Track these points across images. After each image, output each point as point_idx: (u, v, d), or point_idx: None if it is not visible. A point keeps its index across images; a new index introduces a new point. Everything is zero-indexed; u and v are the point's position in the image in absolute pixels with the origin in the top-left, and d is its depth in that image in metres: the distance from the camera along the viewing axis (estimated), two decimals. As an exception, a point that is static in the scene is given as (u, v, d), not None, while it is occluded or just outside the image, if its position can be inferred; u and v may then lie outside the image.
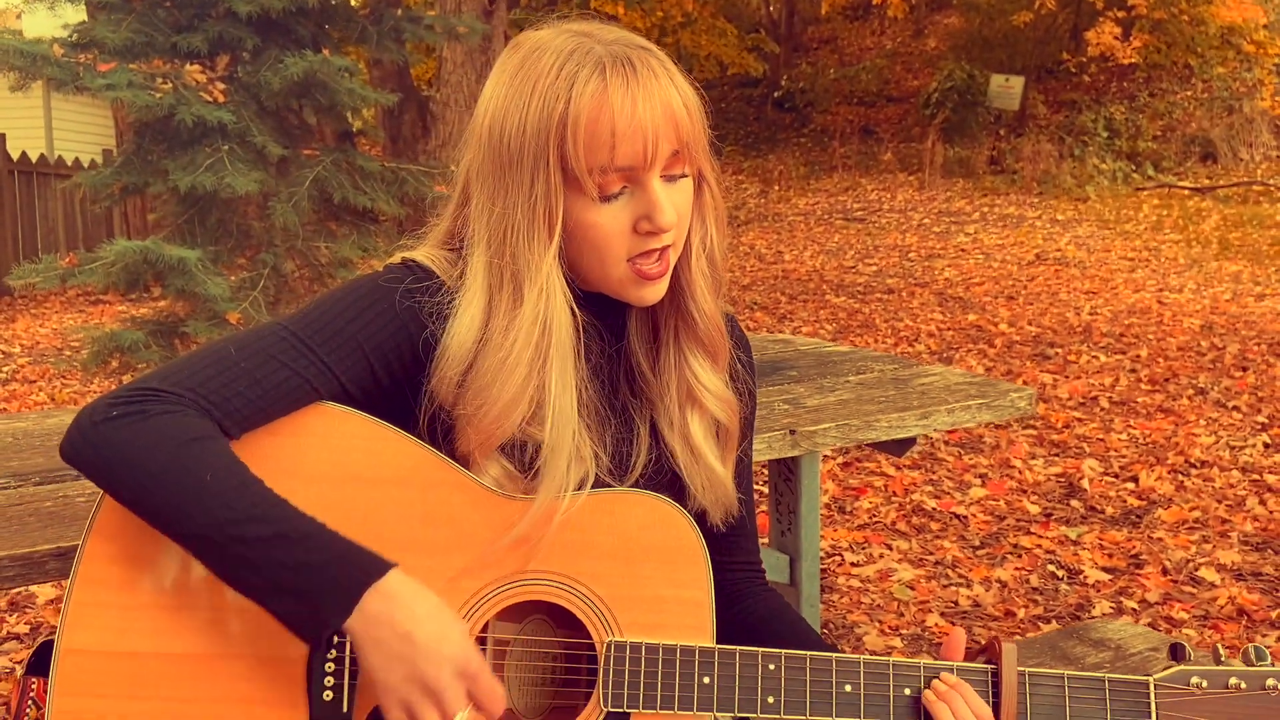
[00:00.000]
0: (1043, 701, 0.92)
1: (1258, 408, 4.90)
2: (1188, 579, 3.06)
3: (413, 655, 0.83)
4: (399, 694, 0.84)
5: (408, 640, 0.83)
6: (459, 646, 0.85)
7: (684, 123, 0.93)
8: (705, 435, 1.02)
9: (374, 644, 0.84)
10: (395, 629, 0.83)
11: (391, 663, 0.84)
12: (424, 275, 0.98)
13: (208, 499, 0.84)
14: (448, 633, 0.85)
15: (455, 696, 0.84)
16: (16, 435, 1.60)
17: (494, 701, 0.86)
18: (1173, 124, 15.20)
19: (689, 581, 0.94)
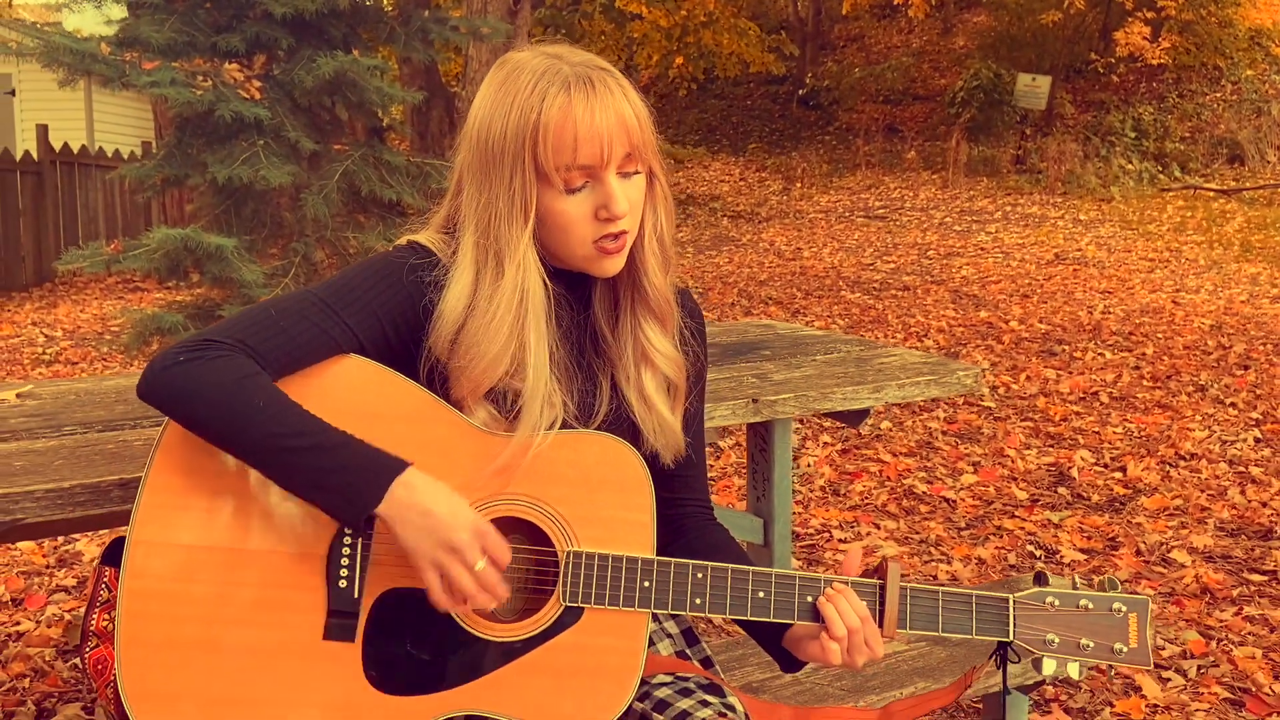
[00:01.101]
0: (920, 611, 1.12)
1: (1254, 405, 5.02)
2: (1159, 560, 3.23)
3: (435, 525, 1.05)
4: (429, 556, 1.05)
5: (429, 515, 1.05)
6: (470, 515, 1.07)
7: (634, 130, 1.13)
8: (656, 389, 1.23)
9: (403, 522, 1.06)
10: (418, 508, 1.05)
11: (419, 534, 1.05)
12: (425, 254, 1.20)
13: (261, 420, 1.06)
14: (459, 507, 1.07)
15: (473, 551, 1.05)
16: (79, 394, 1.84)
17: (502, 552, 1.08)
18: (1201, 125, 15.18)
19: (636, 506, 1.15)
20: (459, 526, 1.05)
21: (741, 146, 16.57)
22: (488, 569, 1.06)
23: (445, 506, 1.06)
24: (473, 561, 1.05)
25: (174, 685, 1.07)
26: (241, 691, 1.08)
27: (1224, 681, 2.50)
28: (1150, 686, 2.45)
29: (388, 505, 1.05)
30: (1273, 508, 3.66)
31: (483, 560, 1.05)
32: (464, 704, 1.10)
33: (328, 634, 1.09)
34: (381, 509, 1.05)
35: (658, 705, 1.17)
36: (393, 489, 1.05)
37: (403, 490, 1.05)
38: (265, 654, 1.09)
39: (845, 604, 1.10)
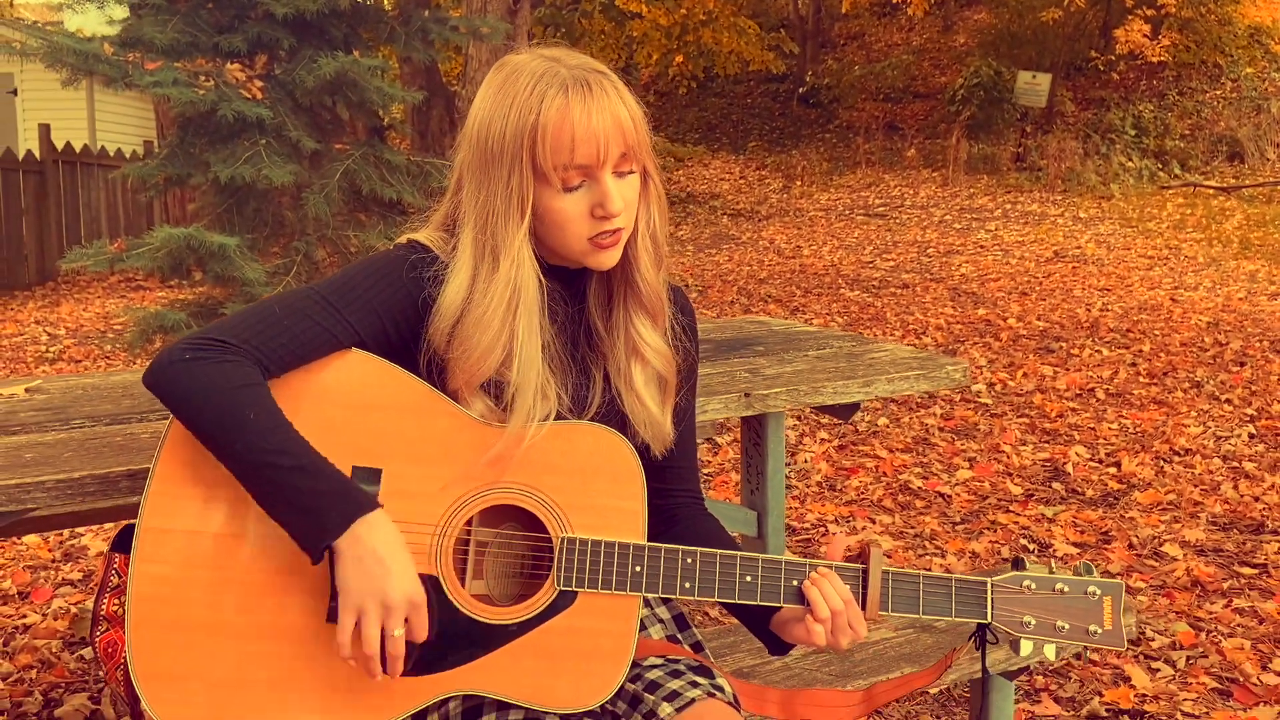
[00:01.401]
0: (902, 594, 1.16)
1: (1249, 401, 5.06)
2: (1151, 553, 3.26)
3: (383, 576, 1.07)
4: (357, 601, 1.07)
5: (382, 564, 1.07)
6: (414, 585, 1.09)
7: (629, 131, 1.17)
8: (646, 383, 1.27)
9: (355, 560, 1.08)
10: (374, 552, 1.07)
11: (363, 578, 1.08)
12: (424, 251, 1.23)
13: (249, 432, 1.09)
14: (409, 569, 1.09)
15: (399, 616, 1.08)
16: (86, 389, 1.88)
17: (422, 631, 1.10)
18: (1200, 123, 15.19)
19: (627, 494, 1.19)
20: (404, 587, 1.08)
21: (742, 145, 16.59)
22: (399, 640, 1.08)
23: (399, 565, 1.08)
24: (393, 627, 1.07)
25: (183, 666, 1.12)
26: (248, 672, 1.12)
27: (1212, 672, 2.54)
28: (1139, 676, 2.49)
29: (347, 539, 1.07)
30: (1265, 502, 3.70)
31: (401, 630, 1.08)
32: (462, 684, 1.14)
33: (331, 617, 1.12)
34: (340, 541, 1.07)
35: (649, 686, 1.21)
36: (356, 525, 1.08)
37: (364, 529, 1.08)
38: (270, 635, 1.13)
39: (829, 587, 1.14)
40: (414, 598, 1.09)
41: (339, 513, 1.09)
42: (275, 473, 1.08)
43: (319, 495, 1.09)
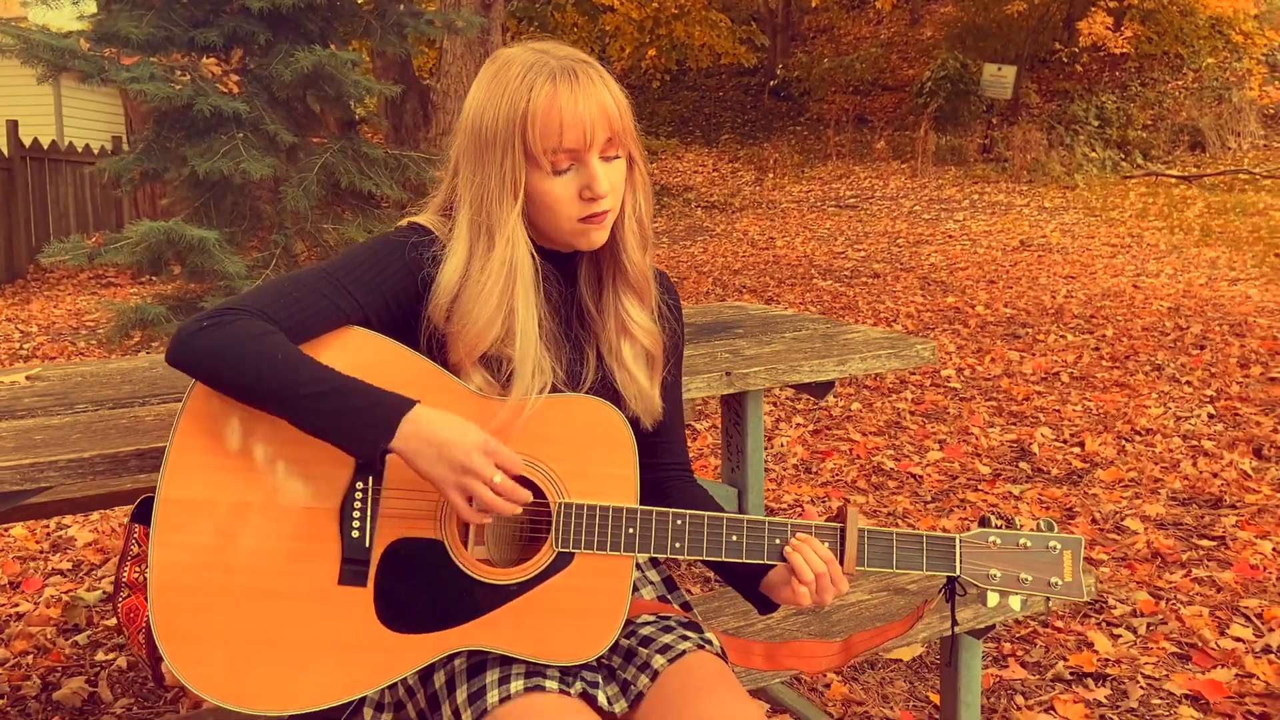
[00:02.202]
0: (877, 550, 1.24)
1: (1208, 382, 5.21)
2: (1114, 528, 3.39)
3: (446, 452, 1.14)
4: (449, 480, 1.15)
5: (437, 443, 1.15)
6: (477, 435, 1.16)
7: (615, 117, 1.25)
8: (635, 359, 1.34)
9: (416, 454, 1.16)
10: (427, 439, 1.15)
11: (434, 463, 1.15)
12: (425, 233, 1.30)
13: (281, 370, 1.16)
14: (465, 430, 1.16)
15: (486, 467, 1.15)
16: (85, 376, 1.93)
17: (514, 464, 1.17)
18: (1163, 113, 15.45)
19: (621, 462, 1.27)
20: (470, 448, 1.15)
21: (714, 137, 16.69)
22: (504, 480, 1.16)
23: (454, 433, 1.16)
24: (489, 476, 1.15)
25: (203, 628, 1.18)
26: (265, 632, 1.19)
27: (1172, 638, 2.65)
28: (1102, 642, 2.61)
29: (400, 440, 1.15)
30: (1223, 478, 3.84)
31: (498, 473, 1.16)
32: (467, 640, 1.22)
33: (342, 579, 1.20)
34: (394, 443, 1.15)
35: (642, 641, 1.29)
36: (401, 426, 1.15)
37: (410, 425, 1.15)
38: (285, 598, 1.19)
39: (810, 551, 1.22)
40: (483, 446, 1.16)
41: (383, 419, 1.16)
42: (315, 401, 1.15)
43: (360, 411, 1.16)
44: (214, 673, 1.18)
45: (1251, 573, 3.01)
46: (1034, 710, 2.33)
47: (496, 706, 1.18)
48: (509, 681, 1.20)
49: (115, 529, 3.47)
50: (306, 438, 1.19)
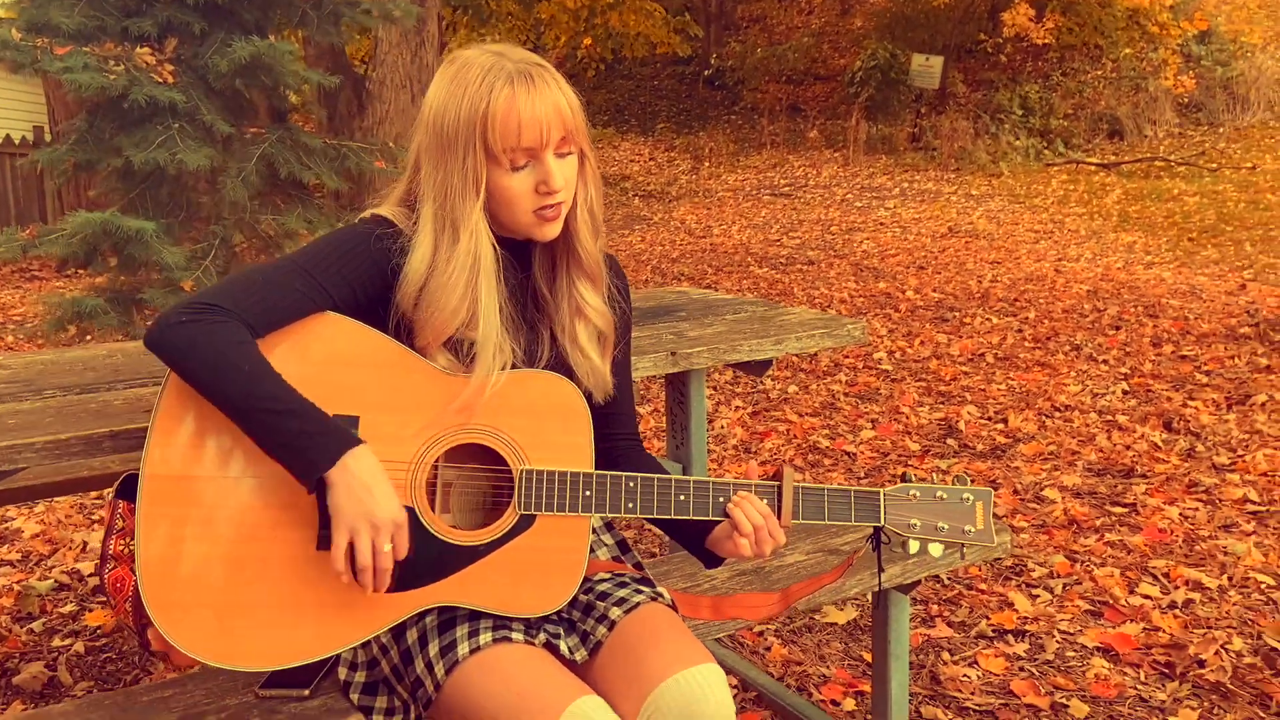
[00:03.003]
0: (810, 504, 1.37)
1: (1123, 361, 5.49)
2: (1034, 497, 3.59)
3: (370, 500, 1.24)
4: (350, 522, 1.24)
5: (368, 490, 1.24)
6: (396, 507, 1.26)
7: (568, 117, 1.35)
8: (588, 338, 1.45)
9: (345, 489, 1.24)
10: (361, 481, 1.24)
11: (353, 502, 1.24)
12: (388, 225, 1.39)
13: (245, 382, 1.24)
14: (392, 494, 1.26)
15: (386, 535, 1.25)
16: (46, 364, 1.97)
17: (404, 548, 1.27)
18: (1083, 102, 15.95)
19: (576, 431, 1.38)
20: (388, 510, 1.25)
21: (650, 126, 16.80)
22: (387, 555, 1.25)
23: (382, 490, 1.25)
24: (382, 544, 1.25)
25: (191, 594, 1.26)
26: (249, 596, 1.27)
27: (1086, 596, 2.85)
28: (1022, 602, 2.79)
29: (337, 471, 1.24)
30: (1135, 450, 4.08)
31: (389, 546, 1.25)
32: (439, 597, 1.32)
33: (320, 545, 1.29)
34: (331, 473, 1.24)
35: (600, 595, 1.40)
36: (345, 458, 1.24)
37: (352, 462, 1.24)
38: (268, 564, 1.28)
39: (749, 506, 1.34)
40: (397, 518, 1.26)
41: (328, 449, 1.25)
42: (270, 417, 1.24)
43: (310, 435, 1.24)
44: (203, 635, 1.26)
45: (1159, 536, 3.23)
46: (959, 665, 2.50)
47: (467, 657, 1.29)
48: (478, 635, 1.31)
49: (61, 520, 3.48)
50: (284, 414, 1.27)
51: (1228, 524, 3.32)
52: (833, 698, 2.36)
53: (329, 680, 1.45)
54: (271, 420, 1.24)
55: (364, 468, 1.25)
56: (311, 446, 1.24)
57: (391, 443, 1.32)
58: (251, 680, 1.46)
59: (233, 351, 1.24)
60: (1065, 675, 2.44)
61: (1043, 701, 2.32)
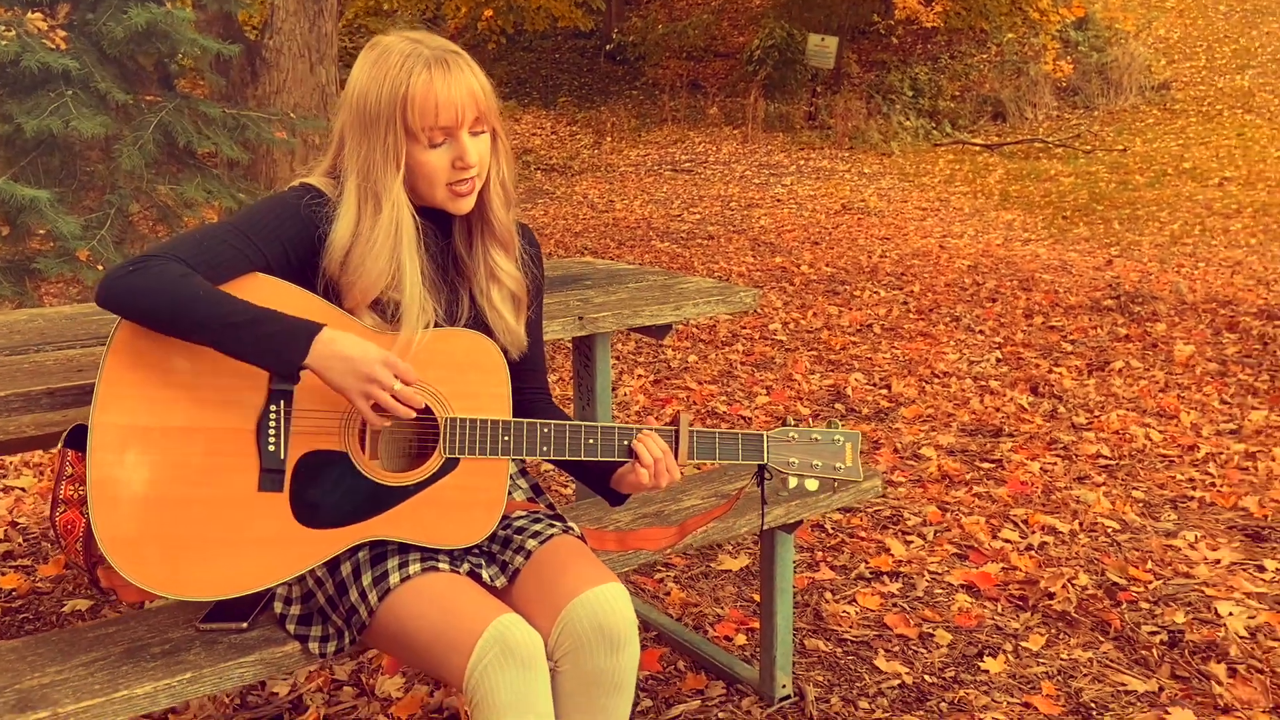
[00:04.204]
0: (704, 444, 1.56)
1: (998, 331, 5.88)
2: (912, 455, 3.89)
3: (351, 364, 1.37)
4: (355, 388, 1.38)
5: (345, 358, 1.38)
6: (377, 351, 1.40)
7: (481, 99, 1.49)
8: (503, 300, 1.60)
9: (327, 368, 1.38)
10: (336, 354, 1.37)
11: (342, 375, 1.38)
12: (317, 194, 1.51)
13: (204, 304, 1.35)
14: (367, 347, 1.39)
15: (387, 377, 1.38)
16: (-30, 328, 2.02)
17: (410, 373, 1.41)
18: (969, 85, 16.60)
19: (496, 383, 1.53)
20: (372, 361, 1.39)
21: (552, 100, 16.80)
22: (403, 388, 1.40)
23: (357, 349, 1.39)
24: (390, 384, 1.39)
25: (139, 532, 1.38)
26: (196, 533, 1.40)
27: (954, 541, 3.14)
28: (897, 547, 3.06)
29: (313, 358, 1.38)
30: (1004, 412, 4.42)
31: (398, 382, 1.40)
32: (372, 532, 1.46)
33: (262, 486, 1.41)
34: (309, 360, 1.37)
35: (517, 530, 1.57)
36: (314, 346, 1.38)
37: (321, 345, 1.38)
38: (213, 504, 1.40)
39: (650, 442, 1.52)
40: (385, 358, 1.40)
41: (297, 340, 1.38)
42: (236, 329, 1.36)
43: (276, 335, 1.38)
44: (153, 569, 1.38)
45: (1021, 488, 3.55)
46: (840, 603, 2.74)
47: (399, 585, 1.44)
48: (408, 565, 1.46)
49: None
50: (224, 369, 1.40)
51: (1081, 476, 3.66)
52: (726, 634, 2.58)
53: (265, 615, 1.58)
54: (239, 332, 1.36)
55: (335, 343, 1.39)
56: (282, 343, 1.38)
57: (324, 394, 1.45)
58: (192, 615, 1.57)
59: (184, 284, 1.36)
60: (932, 609, 2.71)
61: (912, 632, 2.59)
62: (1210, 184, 11.49)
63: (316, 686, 2.32)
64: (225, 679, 1.47)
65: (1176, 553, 3.03)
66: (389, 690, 2.29)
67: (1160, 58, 17.25)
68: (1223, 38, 17.86)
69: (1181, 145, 13.52)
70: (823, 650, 2.50)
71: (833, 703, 2.28)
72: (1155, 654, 2.48)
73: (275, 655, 1.51)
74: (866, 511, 3.34)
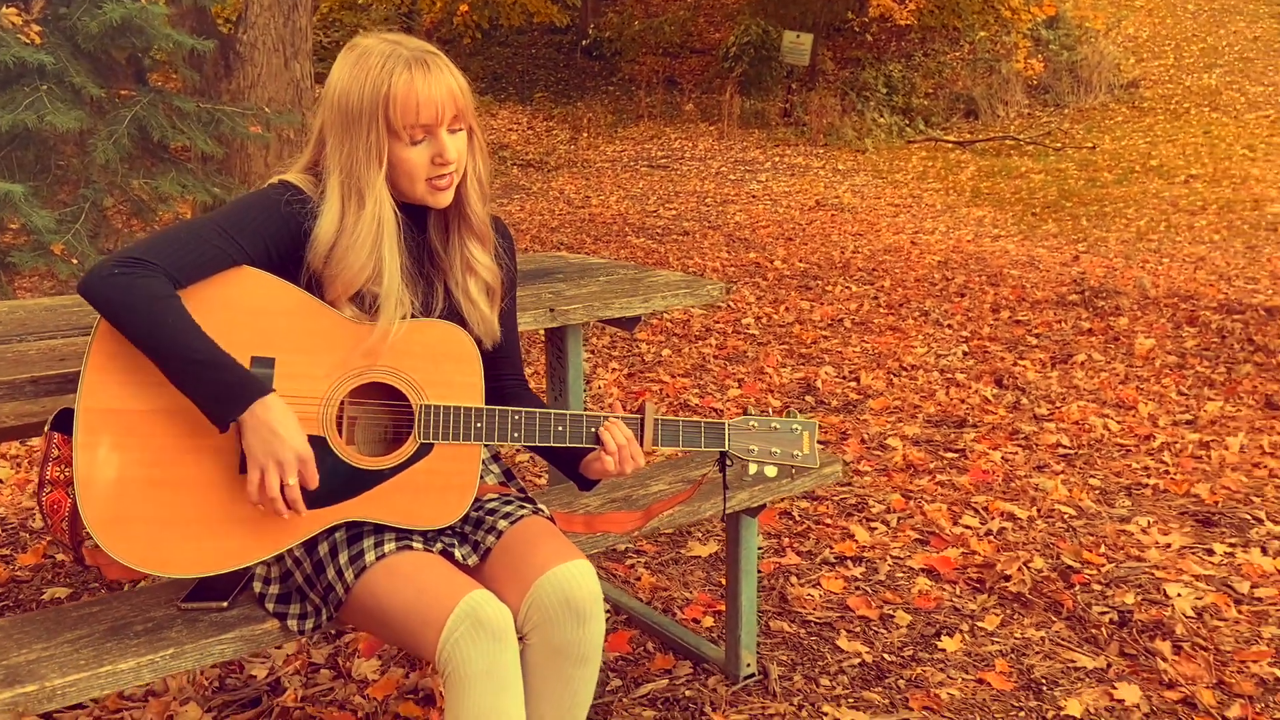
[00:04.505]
0: (668, 432, 1.63)
1: (965, 325, 6.00)
2: (878, 446, 3.98)
3: (274, 441, 1.43)
4: (260, 461, 1.43)
5: (275, 433, 1.43)
6: (302, 444, 1.45)
7: (459, 98, 1.56)
8: (478, 292, 1.67)
9: (253, 431, 1.43)
10: (269, 425, 1.43)
11: (261, 443, 1.43)
12: (298, 191, 1.57)
13: (168, 334, 1.41)
14: (297, 435, 1.45)
15: (292, 470, 1.44)
16: (-48, 319, 2.06)
17: (312, 480, 1.46)
18: (942, 82, 16.77)
19: (469, 372, 1.60)
20: (291, 449, 1.44)
21: (528, 95, 16.81)
22: (294, 488, 1.45)
23: (289, 432, 1.44)
24: (288, 477, 1.45)
25: (124, 511, 1.44)
26: (178, 513, 1.46)
27: (916, 528, 3.23)
28: (861, 534, 3.15)
29: (248, 416, 1.43)
30: (968, 404, 4.53)
31: (294, 479, 1.45)
32: (348, 514, 1.53)
33: (242, 469, 1.47)
34: (243, 417, 1.43)
35: (488, 512, 1.64)
36: (254, 406, 1.43)
37: (260, 409, 1.43)
38: (195, 486, 1.47)
39: (616, 430, 1.60)
40: (302, 454, 1.46)
41: (240, 397, 1.43)
42: (190, 367, 1.42)
43: (225, 384, 1.43)
44: (137, 547, 1.44)
45: (983, 476, 3.65)
46: (805, 586, 2.83)
47: (374, 563, 1.50)
48: (383, 545, 1.52)
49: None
50: (206, 357, 1.46)
51: (1041, 465, 3.77)
52: (694, 617, 2.66)
53: (244, 594, 1.64)
54: (191, 370, 1.42)
55: (272, 413, 1.44)
56: (226, 395, 1.43)
57: (305, 381, 1.52)
58: (173, 595, 1.63)
59: (158, 305, 1.41)
60: (894, 591, 2.80)
61: (873, 613, 2.68)
62: (1177, 181, 11.70)
63: (294, 669, 2.38)
64: (207, 655, 1.53)
65: (1129, 537, 3.14)
66: (365, 672, 2.36)
67: (1129, 56, 17.50)
68: (1191, 36, 18.13)
69: (1149, 143, 13.74)
70: (787, 631, 2.59)
71: (795, 680, 2.36)
72: (1105, 633, 2.58)
73: (255, 633, 1.57)
74: (832, 499, 3.43)
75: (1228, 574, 2.90)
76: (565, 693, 1.54)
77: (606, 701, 2.26)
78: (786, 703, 2.27)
